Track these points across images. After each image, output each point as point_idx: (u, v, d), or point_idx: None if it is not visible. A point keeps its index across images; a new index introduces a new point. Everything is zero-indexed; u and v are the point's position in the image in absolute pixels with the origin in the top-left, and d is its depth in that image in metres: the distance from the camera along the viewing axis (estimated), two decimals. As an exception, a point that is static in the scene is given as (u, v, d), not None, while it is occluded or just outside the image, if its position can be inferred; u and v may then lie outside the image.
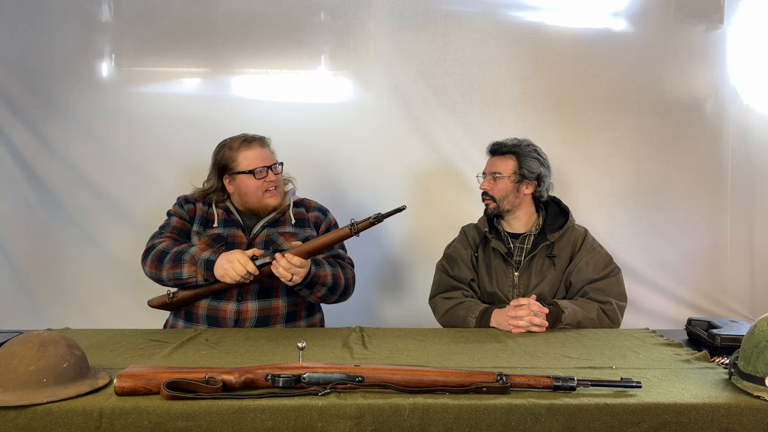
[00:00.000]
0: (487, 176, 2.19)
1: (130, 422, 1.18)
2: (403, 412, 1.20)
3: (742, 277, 2.83)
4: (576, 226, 2.18)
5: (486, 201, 2.20)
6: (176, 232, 2.06)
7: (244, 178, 2.05)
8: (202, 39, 2.69)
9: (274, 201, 2.07)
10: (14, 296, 2.71)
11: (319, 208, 2.21)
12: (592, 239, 2.17)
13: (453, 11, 2.71)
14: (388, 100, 2.73)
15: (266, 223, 2.09)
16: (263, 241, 2.06)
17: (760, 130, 2.75)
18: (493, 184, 2.16)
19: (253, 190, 2.05)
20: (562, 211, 2.22)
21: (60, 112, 2.68)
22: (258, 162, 2.04)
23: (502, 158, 2.18)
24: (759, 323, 1.32)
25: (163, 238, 2.03)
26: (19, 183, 2.68)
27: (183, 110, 2.71)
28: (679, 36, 2.74)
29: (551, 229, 2.15)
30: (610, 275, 2.07)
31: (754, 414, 1.22)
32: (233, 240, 2.06)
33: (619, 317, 2.04)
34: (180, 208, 2.12)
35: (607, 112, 2.76)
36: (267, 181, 2.05)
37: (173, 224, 2.08)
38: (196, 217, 2.10)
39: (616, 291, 2.06)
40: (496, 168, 2.17)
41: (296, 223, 2.12)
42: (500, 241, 2.17)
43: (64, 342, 1.30)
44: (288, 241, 2.05)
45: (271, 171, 2.06)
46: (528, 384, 1.28)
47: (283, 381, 1.26)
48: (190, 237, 2.06)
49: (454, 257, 2.22)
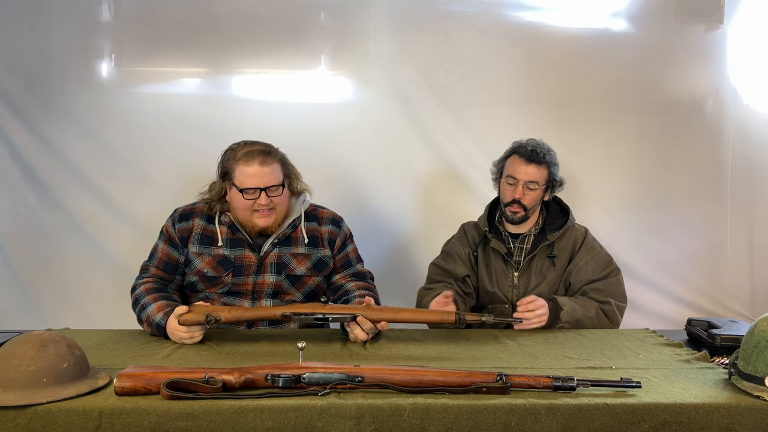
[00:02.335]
0: (521, 184, 2.07)
1: (130, 422, 1.18)
2: (403, 412, 1.21)
3: (742, 277, 2.83)
4: (576, 225, 2.17)
5: (514, 209, 2.09)
6: (162, 267, 1.93)
7: (236, 193, 1.87)
8: (202, 39, 2.69)
9: (262, 222, 1.88)
10: (14, 296, 2.71)
11: (332, 219, 2.05)
12: (592, 239, 2.16)
13: (453, 11, 2.71)
14: (387, 100, 2.73)
15: (276, 240, 1.93)
16: (275, 264, 1.92)
17: (760, 130, 2.76)
18: (528, 193, 2.07)
19: (241, 208, 1.88)
20: (562, 210, 2.20)
21: (59, 112, 2.67)
22: (252, 181, 1.84)
23: (539, 167, 2.08)
24: (759, 323, 1.32)
25: (147, 278, 1.91)
26: (19, 183, 2.68)
27: (182, 110, 2.70)
28: (679, 36, 2.74)
29: (551, 229, 2.13)
30: (610, 276, 2.07)
31: (754, 414, 1.22)
32: (241, 263, 1.91)
33: (618, 318, 2.03)
34: (172, 227, 1.95)
35: (606, 112, 2.76)
36: (257, 203, 1.86)
37: (159, 257, 1.94)
38: (194, 236, 1.93)
39: (616, 291, 2.05)
40: (533, 177, 2.07)
41: (309, 242, 1.97)
42: (500, 241, 2.16)
43: (64, 342, 1.30)
44: (301, 264, 1.94)
45: (264, 193, 1.85)
46: (528, 384, 1.28)
47: (283, 381, 1.26)
48: (177, 270, 1.94)
49: (450, 253, 2.21)
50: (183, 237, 1.94)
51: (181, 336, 1.69)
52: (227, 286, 1.91)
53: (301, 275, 1.95)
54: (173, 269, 1.95)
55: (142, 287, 1.87)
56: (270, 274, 1.93)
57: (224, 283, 1.91)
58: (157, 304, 1.79)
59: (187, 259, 1.93)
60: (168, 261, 1.94)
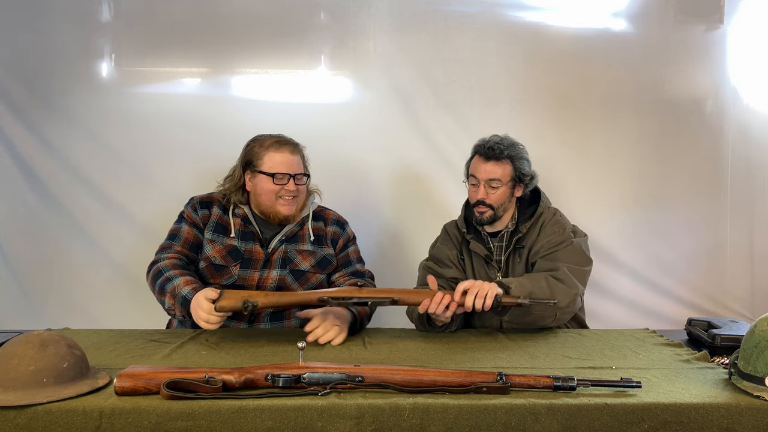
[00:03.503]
0: (482, 184, 2.01)
1: (130, 422, 1.18)
2: (403, 412, 1.20)
3: (742, 277, 2.83)
4: (548, 208, 2.06)
5: (481, 210, 2.02)
6: (188, 247, 1.95)
7: (263, 179, 1.95)
8: (202, 39, 2.69)
9: (285, 210, 1.96)
10: (14, 296, 2.71)
11: (337, 221, 2.12)
12: (557, 219, 2.03)
13: (453, 11, 2.71)
14: (387, 100, 2.73)
15: (284, 237, 2.00)
16: (281, 259, 1.98)
17: (760, 130, 2.76)
18: (491, 192, 2.01)
19: (267, 193, 1.95)
20: (534, 196, 2.10)
21: (60, 112, 2.67)
22: (282, 167, 1.94)
23: (499, 163, 2.01)
24: (759, 323, 1.32)
25: (171, 254, 1.91)
26: (19, 183, 2.68)
27: (183, 110, 2.70)
28: (679, 36, 2.74)
29: (523, 219, 2.05)
30: (561, 246, 1.93)
31: (754, 414, 1.22)
32: (250, 256, 1.97)
33: (575, 281, 1.87)
34: (194, 212, 2.00)
35: (606, 112, 2.76)
36: (285, 188, 1.94)
37: (185, 236, 1.96)
38: (210, 223, 1.99)
39: (570, 258, 1.91)
40: (494, 175, 2.00)
41: (314, 240, 2.03)
42: (480, 242, 2.07)
43: (64, 342, 1.30)
44: (306, 261, 1.99)
45: (293, 180, 1.95)
46: (528, 384, 1.28)
47: (283, 381, 1.26)
48: (202, 249, 1.97)
49: (439, 257, 2.12)
50: (203, 222, 1.99)
51: (207, 317, 1.65)
52: (233, 277, 1.95)
53: (305, 271, 1.99)
54: (197, 249, 1.97)
55: (167, 261, 1.87)
56: (276, 269, 1.98)
57: (231, 274, 1.95)
58: (185, 278, 1.79)
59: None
60: (194, 241, 1.97)
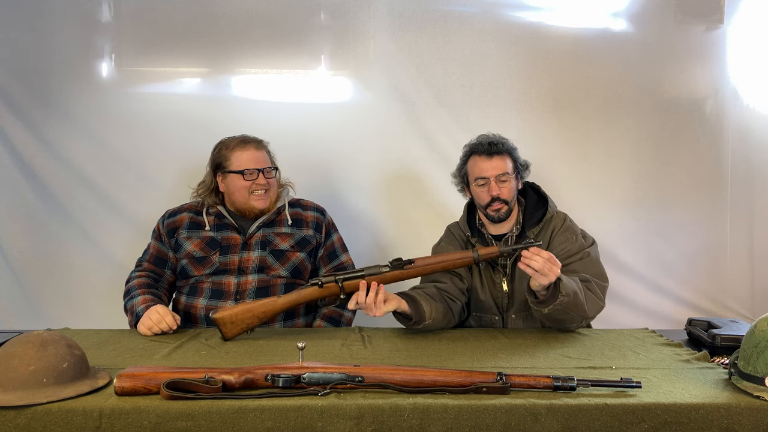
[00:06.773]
0: (492, 180, 1.99)
1: (130, 422, 1.18)
2: (403, 412, 1.20)
3: (742, 277, 2.83)
4: (557, 213, 2.05)
5: (497, 207, 1.99)
6: (153, 261, 2.09)
7: (234, 177, 2.05)
8: (202, 39, 2.69)
9: (260, 204, 2.06)
10: (14, 296, 2.71)
11: (316, 207, 2.22)
12: (569, 224, 2.01)
13: (453, 11, 2.71)
14: (387, 100, 2.73)
15: (261, 223, 2.09)
16: (259, 242, 2.06)
17: (760, 130, 2.76)
18: (503, 186, 1.99)
19: (240, 190, 2.05)
20: (541, 199, 2.08)
21: (60, 112, 2.67)
22: (250, 163, 2.05)
23: (502, 158, 2.01)
24: (759, 323, 1.32)
25: (140, 272, 2.07)
26: (18, 183, 2.68)
27: (183, 110, 2.70)
28: (679, 36, 2.74)
29: (530, 224, 2.02)
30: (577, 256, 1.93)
31: (754, 414, 1.22)
32: (228, 243, 2.06)
33: (602, 296, 1.89)
34: (162, 225, 2.12)
35: (606, 112, 2.76)
36: (256, 183, 2.04)
37: (151, 251, 2.11)
38: (183, 225, 2.10)
39: (592, 270, 1.92)
40: (502, 169, 1.99)
41: (293, 224, 2.13)
42: (485, 245, 2.03)
43: (64, 342, 1.30)
44: (285, 241, 2.07)
45: (262, 174, 2.05)
46: (528, 384, 1.28)
47: (283, 381, 1.26)
48: (166, 264, 2.08)
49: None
50: (171, 229, 2.11)
51: (149, 325, 1.79)
52: (215, 265, 2.03)
53: (285, 250, 2.07)
54: (163, 263, 2.10)
55: (135, 281, 2.03)
56: (255, 250, 2.06)
57: (212, 263, 2.03)
58: (143, 297, 1.93)
59: (177, 244, 2.08)
60: (158, 255, 2.10)
